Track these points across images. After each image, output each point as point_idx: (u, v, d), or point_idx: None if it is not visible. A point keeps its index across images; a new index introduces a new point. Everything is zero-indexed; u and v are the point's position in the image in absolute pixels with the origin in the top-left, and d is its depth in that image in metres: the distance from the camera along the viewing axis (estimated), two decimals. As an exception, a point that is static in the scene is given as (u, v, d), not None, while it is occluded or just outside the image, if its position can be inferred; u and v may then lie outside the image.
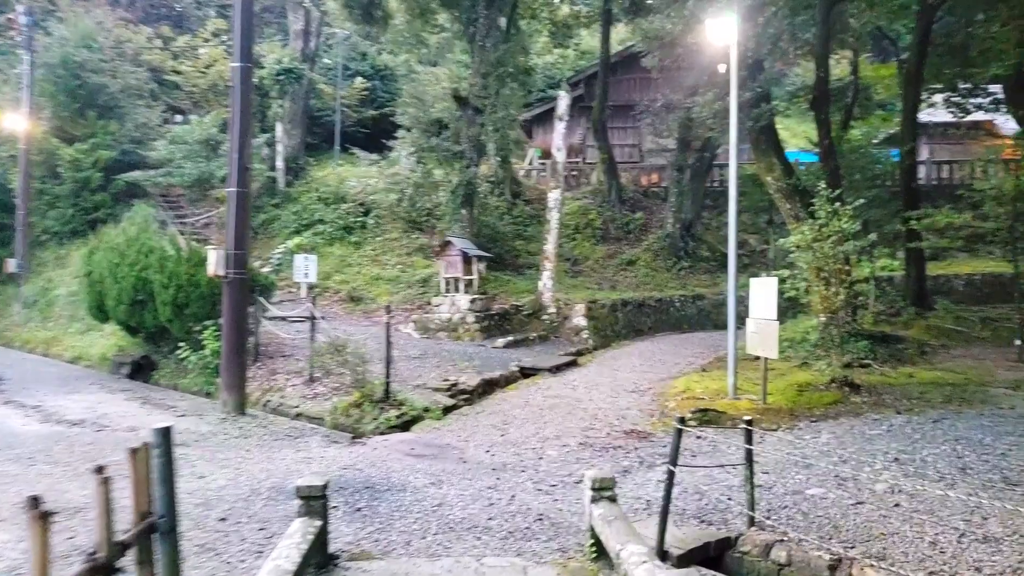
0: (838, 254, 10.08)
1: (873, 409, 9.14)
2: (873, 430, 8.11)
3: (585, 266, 21.34)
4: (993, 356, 12.46)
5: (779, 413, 9.13)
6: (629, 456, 7.93)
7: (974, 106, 17.01)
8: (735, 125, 10.60)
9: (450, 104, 19.22)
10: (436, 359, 13.11)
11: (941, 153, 23.78)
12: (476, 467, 7.76)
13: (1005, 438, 7.35)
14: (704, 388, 10.71)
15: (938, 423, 8.19)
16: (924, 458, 6.84)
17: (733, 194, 10.46)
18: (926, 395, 9.75)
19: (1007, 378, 10.63)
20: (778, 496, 6.24)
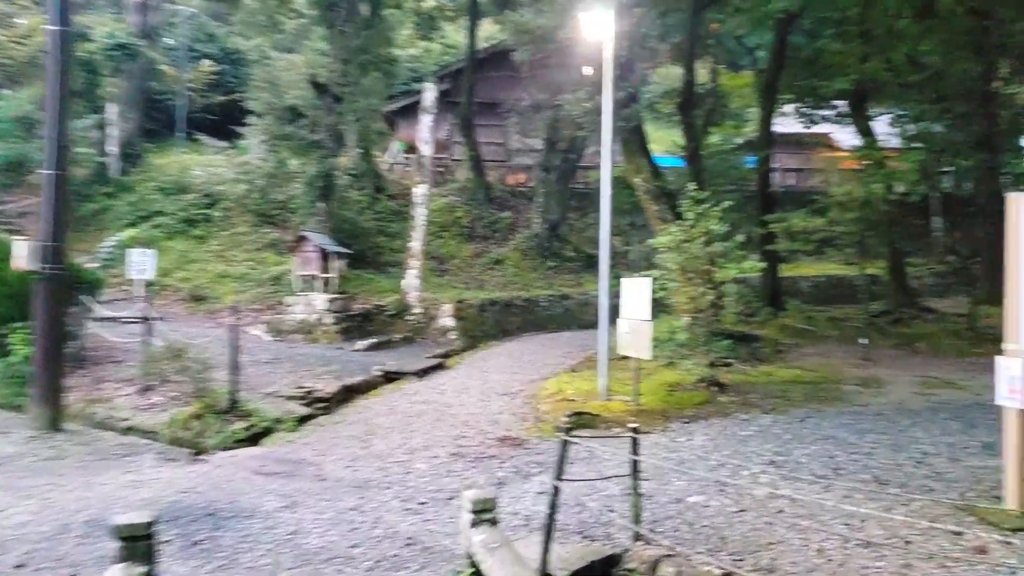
0: (706, 255, 10.13)
1: (741, 408, 9.18)
2: (744, 431, 8.07)
3: (452, 265, 20.79)
4: (841, 354, 13.08)
5: (652, 414, 8.96)
6: (504, 466, 7.44)
7: (821, 118, 18.02)
8: (609, 124, 10.40)
9: (307, 91, 18.04)
10: (290, 364, 12.09)
11: (788, 161, 25.23)
12: (336, 485, 6.99)
13: (868, 436, 7.49)
14: (576, 389, 10.44)
15: (804, 422, 8.29)
16: (798, 459, 6.81)
17: (606, 193, 10.25)
18: (788, 393, 9.96)
19: (856, 375, 11.11)
20: (661, 505, 5.94)
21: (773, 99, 16.36)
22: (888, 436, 7.43)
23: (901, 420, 8.15)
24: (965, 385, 10.11)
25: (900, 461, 6.54)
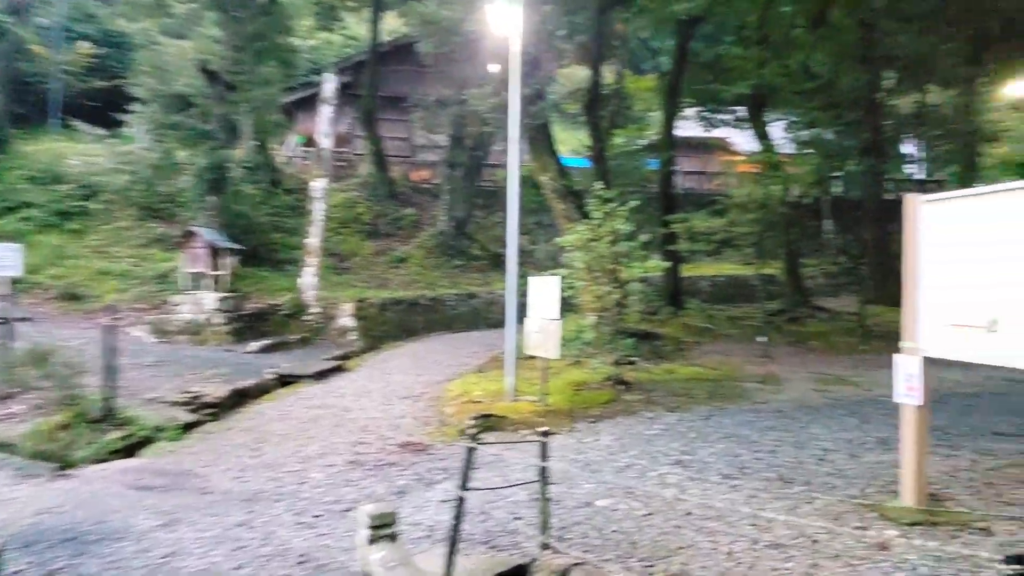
0: (612, 254, 10.08)
1: (646, 407, 9.14)
2: (650, 429, 8.01)
3: (353, 262, 20.11)
4: (740, 351, 13.36)
5: (559, 415, 8.79)
6: (405, 474, 7.06)
7: (721, 122, 18.48)
8: (517, 120, 10.17)
9: (197, 78, 17.00)
10: (175, 367, 11.26)
11: (688, 164, 25.86)
12: (223, 499, 6.43)
13: (770, 433, 7.56)
14: (482, 391, 10.16)
15: (708, 420, 8.31)
16: (704, 459, 6.76)
17: (514, 190, 10.02)
18: (691, 391, 10.02)
19: (755, 372, 11.34)
20: (569, 510, 5.73)
21: (675, 102, 16.64)
22: (790, 433, 7.52)
23: (801, 417, 8.29)
24: (857, 381, 10.47)
25: (803, 459, 6.59)
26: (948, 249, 5.05)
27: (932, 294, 5.16)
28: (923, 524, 4.96)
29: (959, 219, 4.98)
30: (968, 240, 4.88)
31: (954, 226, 5.01)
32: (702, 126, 19.26)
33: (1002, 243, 4.61)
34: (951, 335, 5.00)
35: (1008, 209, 4.59)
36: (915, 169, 18.20)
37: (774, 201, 13.93)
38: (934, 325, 5.14)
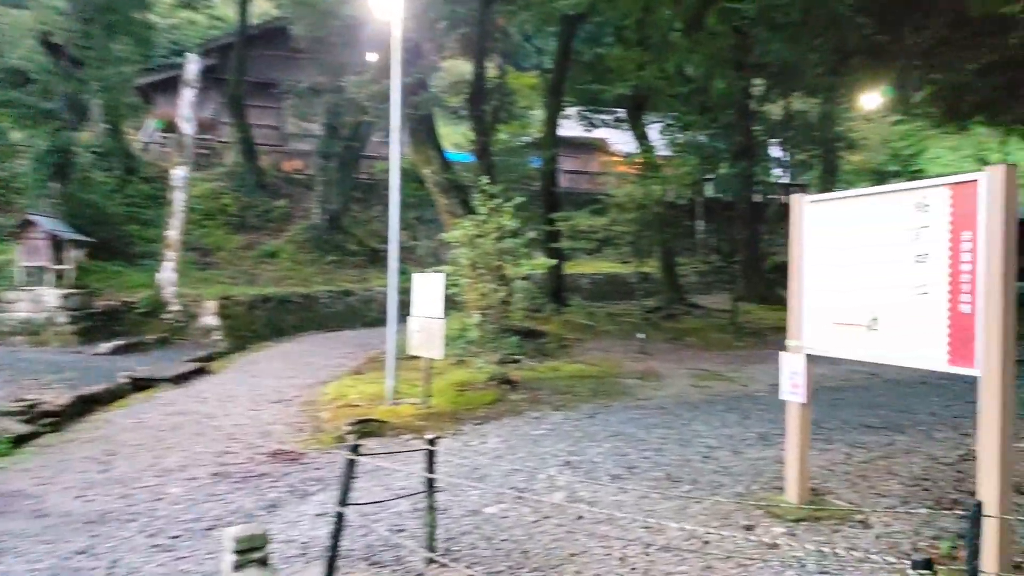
0: (498, 250, 9.85)
1: (531, 406, 8.97)
2: (536, 430, 7.82)
3: (218, 257, 18.86)
4: (620, 348, 13.52)
5: (443, 417, 8.46)
6: (277, 485, 6.49)
7: (601, 122, 18.70)
8: (398, 109, 9.71)
9: (37, 51, 15.33)
10: (9, 372, 10.03)
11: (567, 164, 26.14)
12: (62, 522, 5.64)
13: (655, 431, 7.55)
14: (360, 393, 9.66)
15: (594, 418, 8.23)
16: (592, 459, 6.63)
17: (395, 183, 9.56)
18: (574, 389, 9.95)
19: (636, 369, 11.46)
20: (456, 519, 5.41)
21: (558, 101, 16.68)
22: (674, 431, 7.54)
23: (683, 413, 8.36)
24: (733, 377, 10.77)
25: (688, 456, 6.59)
26: (831, 249, 5.12)
27: (816, 293, 5.23)
28: (807, 520, 5.00)
29: (842, 220, 5.05)
30: (850, 240, 4.96)
31: (837, 226, 5.08)
32: (583, 126, 19.48)
33: (882, 243, 4.70)
34: (834, 333, 5.07)
35: (887, 211, 4.68)
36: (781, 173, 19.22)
37: (652, 201, 14.19)
38: (818, 323, 5.21)
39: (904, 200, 4.55)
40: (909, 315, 4.49)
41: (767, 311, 16.40)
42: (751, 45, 15.86)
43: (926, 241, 4.38)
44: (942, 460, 6.07)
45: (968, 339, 4.10)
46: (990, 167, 3.98)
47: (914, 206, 4.48)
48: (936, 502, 5.17)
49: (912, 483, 5.58)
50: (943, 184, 4.31)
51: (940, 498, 5.24)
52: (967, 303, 4.12)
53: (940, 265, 4.28)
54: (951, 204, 4.23)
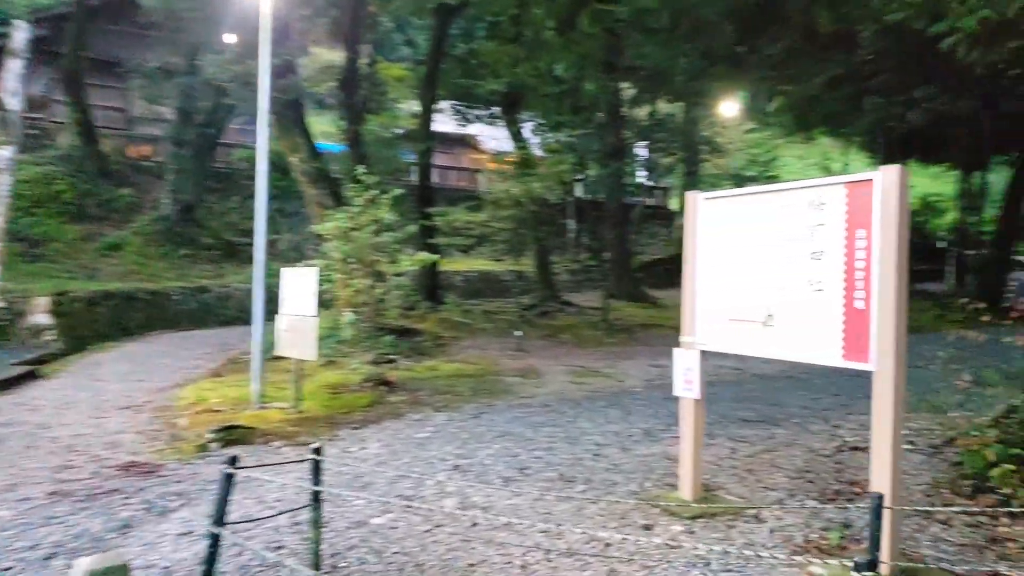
0: (374, 245, 9.39)
1: (412, 408, 8.59)
2: (420, 432, 7.47)
3: (51, 249, 17.00)
4: (497, 346, 13.37)
5: (317, 422, 7.92)
6: (131, 502, 5.76)
7: (476, 117, 18.47)
8: (267, 92, 9.01)
9: None
10: None
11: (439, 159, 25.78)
12: None
13: (543, 430, 7.41)
14: (222, 398, 8.91)
15: (479, 419, 7.98)
16: (483, 461, 6.37)
17: (263, 169, 8.86)
18: (455, 388, 9.66)
19: (514, 367, 11.33)
20: (340, 533, 4.99)
21: (432, 94, 16.30)
22: (561, 429, 7.43)
23: (567, 411, 8.28)
24: (610, 373, 10.87)
25: (579, 455, 6.47)
26: (726, 245, 5.13)
27: (711, 290, 5.23)
28: (703, 517, 4.99)
29: (737, 217, 5.07)
30: (745, 237, 4.98)
31: (732, 223, 5.10)
32: (456, 121, 19.20)
33: (777, 241, 4.74)
34: (729, 330, 5.09)
35: (782, 208, 4.72)
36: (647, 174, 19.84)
37: (528, 199, 14.14)
38: (712, 320, 5.22)
39: (799, 198, 4.61)
40: (804, 311, 4.55)
41: (636, 308, 16.87)
42: (623, 48, 16.20)
43: (821, 239, 4.44)
44: (820, 452, 6.30)
45: (862, 335, 4.18)
46: (884, 167, 4.07)
47: (809, 204, 4.53)
48: (821, 493, 5.32)
49: (796, 475, 5.73)
50: (839, 183, 4.39)
51: (824, 489, 5.40)
52: (861, 299, 4.20)
53: (835, 262, 4.35)
54: (846, 202, 4.30)
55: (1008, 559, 4.21)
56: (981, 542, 4.42)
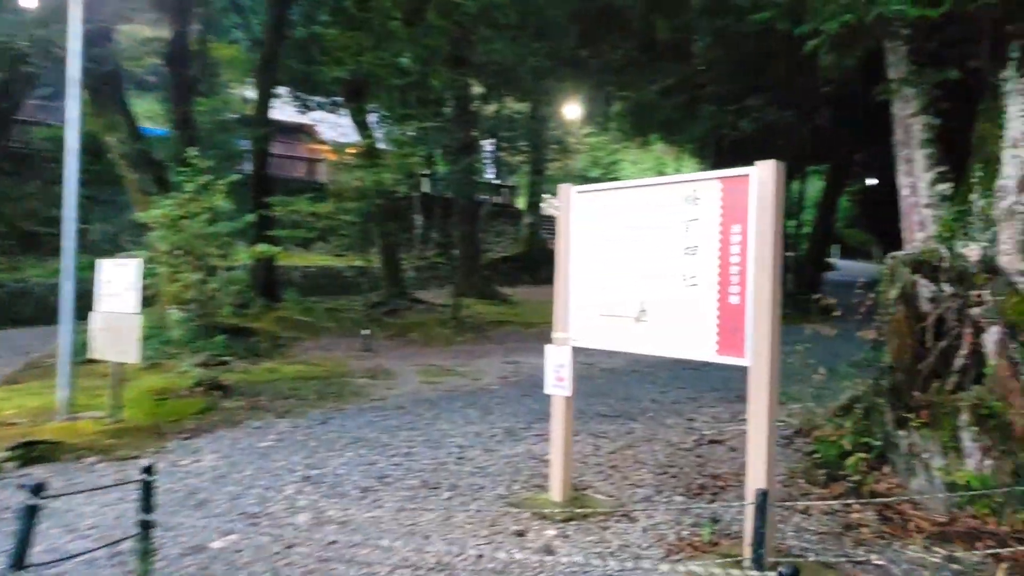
0: (208, 235, 8.51)
1: (252, 415, 7.85)
2: (262, 441, 6.81)
3: None
4: (342, 346, 12.71)
5: (139, 432, 7.01)
6: None
7: (317, 105, 17.52)
8: (78, 57, 7.86)
9: None
10: None
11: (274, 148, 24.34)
12: None
13: (400, 434, 6.99)
14: (19, 408, 7.71)
15: (328, 424, 7.41)
16: (336, 471, 5.86)
17: (74, 145, 7.72)
18: (299, 392, 8.99)
19: (363, 368, 10.77)
20: (173, 562, 4.33)
21: (271, 77, 15.23)
22: (419, 431, 7.05)
23: (423, 412, 7.91)
24: (463, 372, 10.59)
25: (441, 459, 6.14)
26: (599, 240, 5.01)
27: (583, 285, 5.09)
28: (575, 519, 4.84)
29: (610, 211, 4.95)
30: (618, 232, 4.88)
31: (605, 218, 4.98)
32: (296, 108, 18.13)
33: (651, 236, 4.67)
34: (601, 325, 4.97)
35: (656, 203, 4.65)
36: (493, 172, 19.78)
37: (372, 192, 13.56)
38: (585, 316, 5.08)
39: (674, 193, 4.55)
40: (678, 307, 4.49)
41: (486, 306, 16.74)
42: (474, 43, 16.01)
43: (696, 233, 4.41)
44: (680, 446, 6.37)
45: (737, 330, 4.17)
46: (760, 163, 4.07)
47: (684, 199, 4.49)
48: (686, 488, 5.33)
49: (660, 471, 5.73)
50: (714, 178, 4.37)
51: (688, 484, 5.43)
52: (736, 295, 4.19)
53: (710, 257, 4.32)
54: (721, 198, 4.28)
55: (864, 544, 4.38)
56: (838, 529, 4.58)
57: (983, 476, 4.39)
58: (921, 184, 5.54)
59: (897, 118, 5.74)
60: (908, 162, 5.64)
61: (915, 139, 5.58)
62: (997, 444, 4.36)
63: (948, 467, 4.51)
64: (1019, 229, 4.55)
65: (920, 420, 4.56)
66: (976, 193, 4.87)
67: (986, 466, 4.41)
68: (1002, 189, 4.66)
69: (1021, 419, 4.34)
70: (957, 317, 4.68)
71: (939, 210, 5.41)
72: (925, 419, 4.55)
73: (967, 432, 4.42)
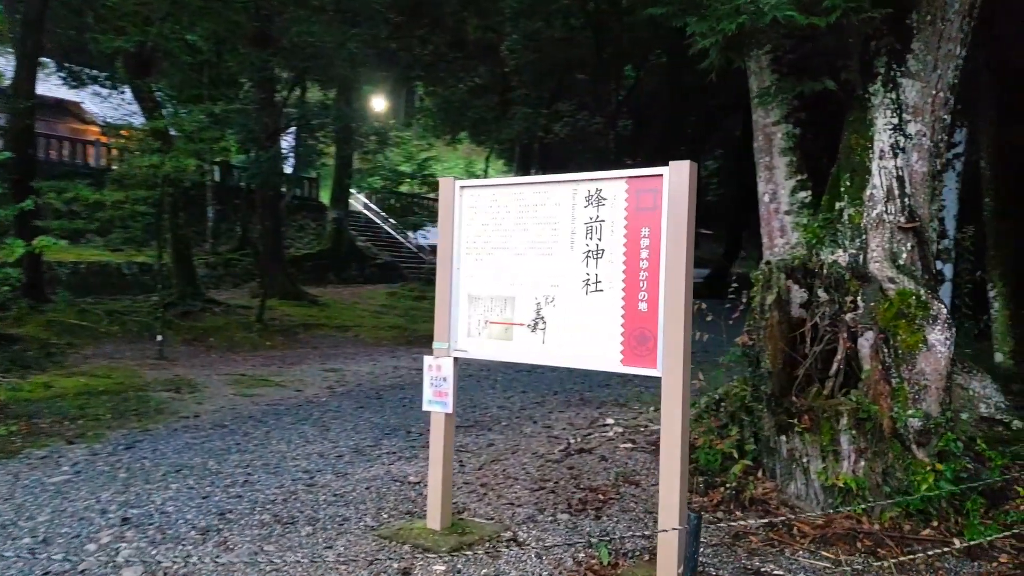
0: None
1: (31, 441, 6.45)
2: (55, 475, 5.56)
3: None
4: (131, 354, 11.07)
5: None
6: None
7: (89, 78, 15.19)
8: None
9: None
10: None
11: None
12: None
13: (229, 458, 6.05)
14: None
15: (137, 449, 6.26)
16: (163, 508, 4.89)
17: None
18: (88, 410, 7.59)
19: (161, 379, 9.39)
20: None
21: (36, 42, 12.86)
22: (253, 455, 6.16)
23: (250, 431, 6.96)
24: (280, 381, 9.61)
25: (289, 487, 5.36)
26: (488, 240, 4.60)
27: (469, 289, 4.65)
28: (462, 548, 4.38)
29: (502, 208, 4.56)
30: (510, 231, 4.51)
31: (496, 216, 4.58)
32: (62, 81, 15.54)
33: (547, 236, 4.36)
34: (489, 333, 4.56)
35: (555, 201, 4.34)
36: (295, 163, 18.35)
37: (163, 180, 11.97)
38: (470, 323, 4.64)
39: (575, 191, 4.27)
40: (578, 314, 4.21)
41: (292, 307, 15.53)
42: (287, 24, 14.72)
43: (598, 236, 4.16)
44: (549, 458, 6.11)
45: (645, 338, 3.97)
46: (674, 163, 3.90)
47: (586, 198, 4.22)
48: (568, 505, 5.07)
49: (535, 486, 5.43)
50: (620, 177, 4.14)
51: (569, 499, 5.17)
52: (644, 301, 3.99)
53: (615, 262, 4.09)
54: (627, 198, 4.07)
55: (757, 553, 4.38)
56: (728, 540, 4.55)
57: (857, 478, 4.57)
58: (782, 191, 5.77)
59: (759, 125, 5.93)
60: (768, 169, 5.85)
61: (776, 147, 5.79)
62: (871, 446, 4.55)
63: (826, 470, 4.64)
64: (887, 237, 4.83)
65: (802, 425, 4.66)
66: (843, 201, 5.11)
67: (859, 468, 4.59)
68: (871, 199, 4.93)
69: (890, 421, 4.57)
70: (830, 322, 4.86)
71: (799, 217, 5.65)
72: (807, 424, 4.66)
73: (845, 435, 4.57)
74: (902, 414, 4.58)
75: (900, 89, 4.94)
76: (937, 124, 4.92)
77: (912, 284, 4.68)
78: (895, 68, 4.97)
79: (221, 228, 19.20)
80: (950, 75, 4.96)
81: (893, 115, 4.91)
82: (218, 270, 17.58)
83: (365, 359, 11.79)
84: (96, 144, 19.10)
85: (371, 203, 27.82)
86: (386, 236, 27.00)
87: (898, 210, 4.85)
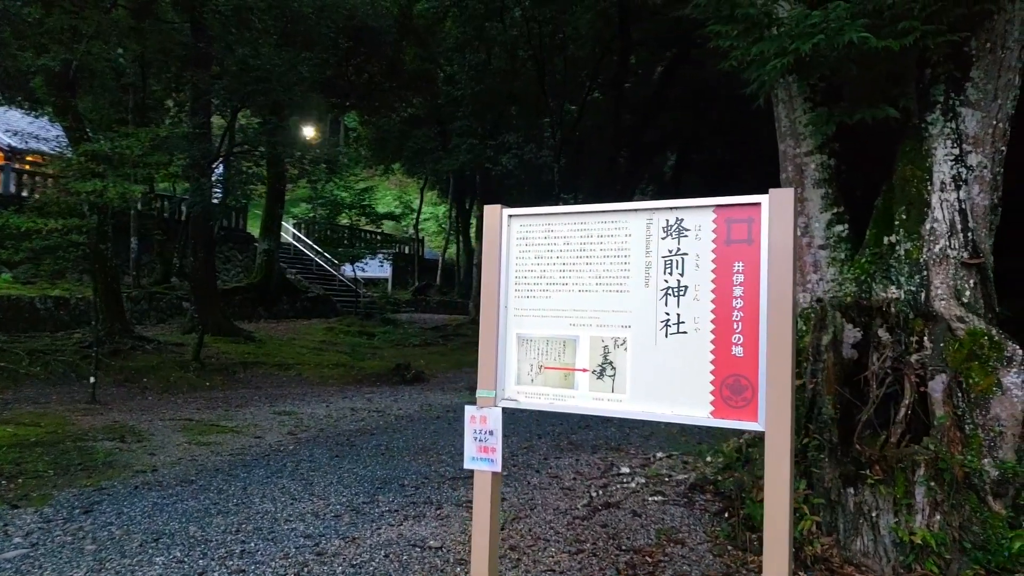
0: None
1: (-40, 508, 5.44)
2: (6, 550, 4.65)
3: None
4: (56, 397, 9.86)
5: None
6: None
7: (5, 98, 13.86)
8: None
9: None
10: None
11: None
12: None
13: (213, 522, 5.24)
14: None
15: (95, 514, 5.35)
16: (150, 591, 4.10)
17: None
18: (26, 465, 6.56)
19: (99, 426, 8.33)
20: None
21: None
22: (238, 517, 5.36)
23: (224, 487, 6.13)
24: (234, 427, 8.70)
25: (294, 556, 4.64)
26: (542, 275, 4.13)
27: (520, 329, 4.15)
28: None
29: (559, 239, 4.11)
30: (571, 265, 4.06)
31: (553, 247, 4.12)
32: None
33: (613, 271, 3.94)
34: (545, 380, 4.06)
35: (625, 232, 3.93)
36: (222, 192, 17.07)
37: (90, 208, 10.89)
38: (521, 368, 4.13)
39: (650, 220, 3.87)
40: (655, 358, 3.78)
41: (228, 344, 14.40)
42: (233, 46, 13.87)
43: (681, 270, 3.76)
44: (573, 514, 5.59)
45: (742, 388, 3.57)
46: (775, 190, 3.55)
47: (664, 228, 3.83)
48: (617, 571, 4.57)
49: (572, 548, 4.91)
50: (706, 206, 3.76)
51: (615, 563, 4.68)
52: (739, 344, 3.61)
53: (701, 299, 3.69)
54: (716, 229, 3.70)
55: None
56: (805, 602, 4.18)
57: (934, 533, 4.28)
58: (815, 224, 5.54)
59: (787, 156, 5.72)
60: (800, 202, 5.62)
61: (809, 178, 5.59)
62: (948, 498, 4.28)
63: (899, 524, 4.34)
64: (951, 274, 4.64)
65: (874, 476, 4.35)
66: (895, 235, 4.91)
67: (935, 522, 4.31)
68: (932, 233, 4.74)
69: (963, 471, 4.32)
70: (892, 364, 4.60)
71: (836, 251, 5.43)
72: (879, 475, 4.35)
73: (921, 487, 4.29)
74: (976, 463, 4.34)
75: (960, 119, 4.82)
76: (997, 156, 4.82)
77: (983, 324, 4.49)
78: (954, 97, 4.86)
79: (143, 260, 17.80)
80: (1009, 105, 4.88)
81: (954, 146, 4.77)
82: (142, 304, 16.20)
83: (316, 400, 10.95)
84: (5, 169, 17.40)
85: (300, 234, 26.66)
86: (317, 269, 25.86)
87: (961, 245, 4.68)
